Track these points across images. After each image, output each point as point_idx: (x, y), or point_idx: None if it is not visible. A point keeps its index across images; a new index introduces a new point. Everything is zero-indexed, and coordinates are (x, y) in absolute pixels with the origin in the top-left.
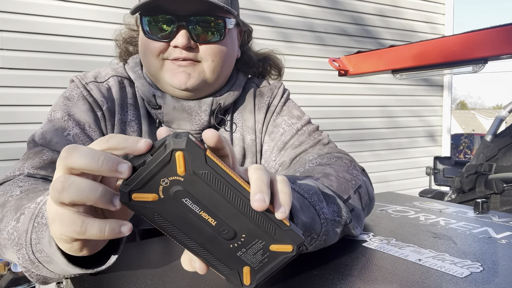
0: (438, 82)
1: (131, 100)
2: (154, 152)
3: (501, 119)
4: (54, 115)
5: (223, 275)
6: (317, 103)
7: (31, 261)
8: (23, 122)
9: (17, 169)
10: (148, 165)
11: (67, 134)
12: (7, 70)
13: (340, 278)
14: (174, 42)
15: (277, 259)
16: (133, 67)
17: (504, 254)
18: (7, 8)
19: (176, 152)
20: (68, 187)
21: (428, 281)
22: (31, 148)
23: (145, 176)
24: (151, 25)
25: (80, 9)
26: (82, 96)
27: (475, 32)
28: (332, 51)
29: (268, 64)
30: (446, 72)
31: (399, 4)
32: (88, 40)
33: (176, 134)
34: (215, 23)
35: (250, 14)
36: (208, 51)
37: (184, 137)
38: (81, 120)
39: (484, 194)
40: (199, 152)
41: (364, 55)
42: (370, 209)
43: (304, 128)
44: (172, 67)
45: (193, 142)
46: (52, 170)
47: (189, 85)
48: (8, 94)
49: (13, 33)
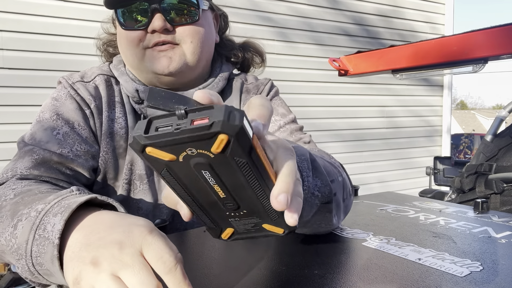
0: (438, 82)
1: (118, 98)
2: (195, 117)
3: (501, 119)
4: (43, 116)
5: (205, 225)
6: (317, 103)
7: (31, 272)
8: (23, 122)
9: (9, 170)
10: (182, 133)
11: (57, 133)
12: (7, 70)
13: (340, 277)
14: (151, 27)
15: (262, 232)
16: (116, 65)
17: (504, 254)
18: (7, 8)
19: (221, 135)
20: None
21: (428, 280)
22: (21, 148)
23: (172, 140)
24: (125, 16)
25: (80, 9)
26: (70, 95)
27: (475, 32)
28: (332, 51)
29: (249, 50)
30: (446, 72)
31: (399, 4)
32: (88, 40)
33: (229, 111)
34: (188, 5)
35: (250, 14)
36: (185, 32)
37: (238, 123)
38: (70, 119)
39: (484, 194)
40: (246, 142)
41: (364, 55)
42: (348, 208)
43: (287, 126)
44: (153, 54)
45: (244, 131)
46: (44, 169)
47: (172, 69)
48: (8, 94)
49: (13, 33)
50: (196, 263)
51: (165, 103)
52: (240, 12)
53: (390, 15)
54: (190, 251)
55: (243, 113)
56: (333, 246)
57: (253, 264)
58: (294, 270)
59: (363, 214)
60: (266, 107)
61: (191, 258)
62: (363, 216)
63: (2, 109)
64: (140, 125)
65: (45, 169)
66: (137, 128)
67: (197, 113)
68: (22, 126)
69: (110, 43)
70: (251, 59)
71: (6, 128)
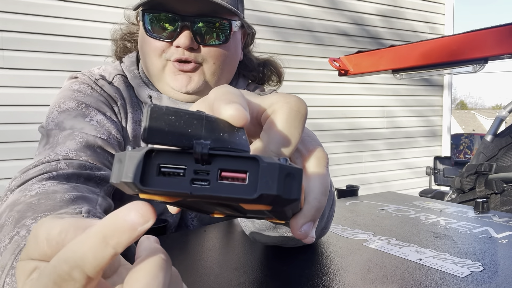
0: (438, 82)
1: (137, 100)
2: (225, 167)
3: (501, 119)
4: (66, 105)
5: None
6: (317, 103)
7: None
8: (23, 122)
9: (51, 154)
10: (201, 191)
11: (90, 119)
12: (7, 70)
13: (341, 278)
14: (177, 42)
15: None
16: (128, 67)
17: (504, 254)
18: (7, 8)
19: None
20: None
21: (428, 281)
22: (55, 136)
23: (184, 194)
24: (153, 24)
25: (80, 9)
26: (95, 90)
27: (475, 32)
28: (332, 51)
29: (269, 69)
30: (446, 72)
31: (399, 4)
32: (88, 40)
33: (285, 174)
34: (220, 25)
35: (250, 14)
36: (210, 53)
37: (294, 197)
38: (100, 109)
39: (484, 194)
40: (292, 205)
41: (364, 55)
42: (325, 230)
43: None
44: (174, 69)
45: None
46: (91, 153)
47: (189, 89)
48: (8, 94)
49: (13, 33)
50: (196, 263)
51: (175, 131)
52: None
53: (390, 15)
54: (190, 251)
55: (301, 174)
56: (333, 246)
57: (254, 264)
58: (294, 270)
59: (364, 214)
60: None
61: (191, 258)
62: (364, 216)
63: (2, 109)
64: (131, 158)
65: (91, 153)
66: (128, 162)
67: (228, 160)
68: (22, 126)
69: (130, 36)
70: (268, 78)
71: (6, 128)
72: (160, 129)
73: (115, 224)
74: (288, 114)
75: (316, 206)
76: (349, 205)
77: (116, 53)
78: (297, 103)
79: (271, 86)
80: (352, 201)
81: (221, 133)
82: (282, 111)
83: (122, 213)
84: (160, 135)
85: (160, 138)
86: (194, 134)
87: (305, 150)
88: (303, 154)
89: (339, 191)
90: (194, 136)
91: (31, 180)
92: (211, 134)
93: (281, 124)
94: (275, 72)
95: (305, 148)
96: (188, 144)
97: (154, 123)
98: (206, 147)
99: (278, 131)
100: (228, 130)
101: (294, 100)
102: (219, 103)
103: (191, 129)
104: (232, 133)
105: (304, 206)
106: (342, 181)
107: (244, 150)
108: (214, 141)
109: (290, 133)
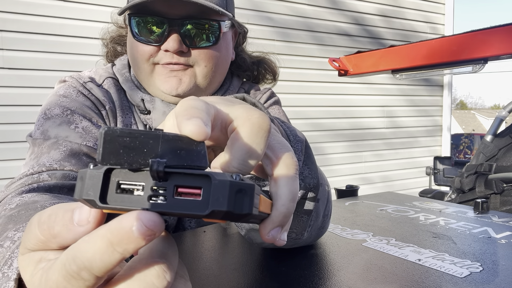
0: (438, 82)
1: (128, 103)
2: (181, 183)
3: (501, 119)
4: (51, 112)
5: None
6: (317, 103)
7: None
8: (23, 122)
9: (34, 165)
10: (158, 207)
11: (75, 127)
12: (7, 70)
13: (340, 278)
14: (165, 46)
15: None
16: (120, 70)
17: (504, 254)
18: (7, 8)
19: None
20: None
21: (427, 281)
22: (39, 144)
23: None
24: (140, 27)
25: (80, 9)
26: (82, 94)
27: (475, 32)
28: (332, 51)
29: (263, 67)
30: (446, 72)
31: (399, 4)
32: (88, 40)
33: (236, 190)
34: (209, 27)
35: (250, 14)
36: (201, 56)
37: (246, 212)
38: (86, 115)
39: (484, 194)
40: (249, 217)
41: (364, 55)
42: (323, 229)
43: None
44: (163, 72)
45: (251, 215)
46: (75, 161)
47: (180, 91)
48: (8, 94)
49: (13, 33)
50: (196, 263)
51: (129, 152)
52: (240, 12)
53: (390, 15)
54: (190, 251)
55: (253, 190)
56: (332, 246)
57: (253, 264)
58: (294, 270)
59: (363, 214)
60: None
61: (191, 258)
62: (363, 216)
63: (2, 109)
64: (91, 177)
65: (76, 161)
66: (89, 180)
67: (183, 177)
68: (22, 126)
69: (119, 39)
70: (262, 76)
71: (6, 128)
72: (114, 151)
73: (121, 232)
74: (250, 131)
75: (283, 212)
76: (348, 205)
77: (107, 56)
78: (259, 119)
79: (267, 84)
80: (351, 201)
81: (178, 150)
82: (244, 128)
83: (128, 223)
84: (114, 157)
85: (114, 160)
86: (150, 153)
87: (275, 157)
88: (273, 161)
89: (339, 191)
90: (150, 155)
91: (11, 194)
92: (168, 152)
93: (242, 141)
94: (270, 70)
95: (274, 155)
96: (144, 163)
97: (107, 145)
98: (162, 165)
99: (240, 148)
100: (187, 146)
101: (257, 117)
102: (181, 119)
103: (146, 149)
104: (191, 150)
105: (272, 212)
106: (342, 181)
107: (201, 166)
108: (171, 159)
109: (251, 149)
